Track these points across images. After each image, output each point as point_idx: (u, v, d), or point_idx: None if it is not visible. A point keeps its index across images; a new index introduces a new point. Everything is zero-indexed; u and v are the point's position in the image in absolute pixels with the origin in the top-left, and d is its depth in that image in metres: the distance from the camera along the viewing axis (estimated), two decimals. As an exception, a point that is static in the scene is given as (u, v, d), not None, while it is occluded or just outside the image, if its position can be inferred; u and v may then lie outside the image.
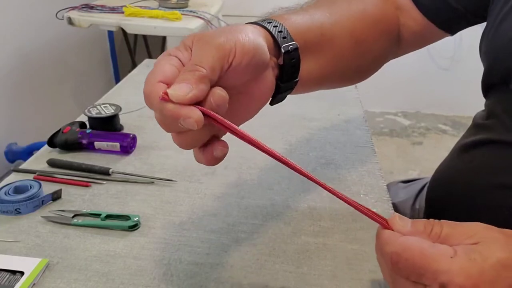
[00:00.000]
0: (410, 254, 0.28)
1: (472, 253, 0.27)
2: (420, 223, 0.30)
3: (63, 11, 1.50)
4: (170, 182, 0.58)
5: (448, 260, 0.27)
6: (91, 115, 0.66)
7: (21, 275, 0.42)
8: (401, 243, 0.29)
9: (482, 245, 0.28)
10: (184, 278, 0.43)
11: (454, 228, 0.30)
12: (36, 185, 0.53)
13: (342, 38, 0.45)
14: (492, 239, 0.28)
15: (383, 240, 0.30)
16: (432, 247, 0.28)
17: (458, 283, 0.27)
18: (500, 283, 0.27)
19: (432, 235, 0.30)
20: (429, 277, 0.28)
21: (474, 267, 0.27)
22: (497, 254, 0.27)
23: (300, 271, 0.44)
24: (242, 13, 2.28)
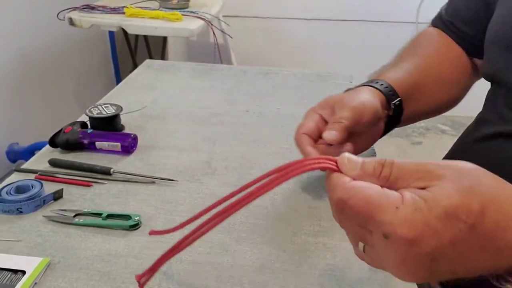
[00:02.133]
0: (355, 202, 0.28)
1: (418, 202, 0.26)
2: (370, 165, 0.29)
3: (64, 12, 1.50)
4: (171, 182, 0.58)
5: (392, 211, 0.26)
6: (92, 115, 0.67)
7: (22, 275, 0.42)
8: (347, 190, 0.28)
9: (429, 192, 0.27)
10: (185, 277, 0.43)
11: (403, 169, 0.29)
12: (37, 185, 0.54)
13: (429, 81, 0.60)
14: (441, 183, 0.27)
15: (330, 184, 0.30)
16: (379, 196, 0.27)
17: (400, 235, 0.26)
18: (443, 233, 0.26)
19: (381, 177, 0.29)
20: (373, 226, 0.28)
21: (418, 219, 0.26)
22: (443, 202, 0.26)
23: (300, 271, 0.45)
24: (242, 14, 2.28)
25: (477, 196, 0.27)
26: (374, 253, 0.30)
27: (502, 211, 0.27)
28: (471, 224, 0.26)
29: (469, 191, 0.27)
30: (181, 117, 0.76)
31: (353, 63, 1.89)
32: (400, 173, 0.28)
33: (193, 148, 0.66)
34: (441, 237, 0.26)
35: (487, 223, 0.26)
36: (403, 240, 0.26)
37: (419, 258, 0.27)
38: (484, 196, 0.27)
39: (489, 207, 0.27)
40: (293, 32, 2.36)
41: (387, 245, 0.27)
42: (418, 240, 0.26)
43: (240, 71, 0.99)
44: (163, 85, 0.89)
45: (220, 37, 1.83)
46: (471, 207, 0.26)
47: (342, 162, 0.30)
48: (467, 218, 0.26)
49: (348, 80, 0.95)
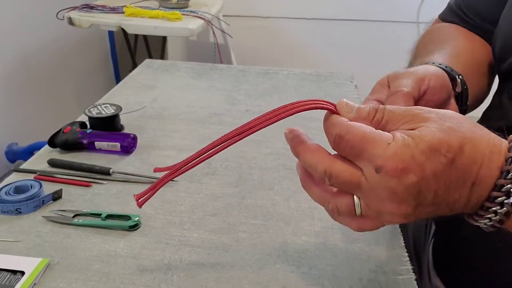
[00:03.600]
0: (352, 137, 0.31)
1: (406, 139, 0.30)
2: (365, 110, 0.33)
3: (63, 11, 1.50)
4: (170, 182, 0.57)
5: (384, 146, 0.30)
6: (92, 115, 0.66)
7: (21, 275, 0.42)
8: (345, 126, 0.32)
9: (416, 131, 0.30)
10: (185, 278, 0.43)
11: (393, 113, 0.32)
12: (36, 185, 0.53)
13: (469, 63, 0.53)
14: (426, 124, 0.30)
15: (330, 122, 0.33)
16: (373, 133, 0.31)
17: (390, 167, 0.29)
18: (427, 165, 0.29)
19: (374, 121, 0.32)
20: (366, 159, 0.31)
21: (406, 153, 0.29)
22: (427, 138, 0.30)
23: (301, 271, 0.44)
24: (242, 13, 2.28)
25: (457, 135, 0.30)
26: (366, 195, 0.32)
27: (478, 149, 0.30)
28: (451, 158, 0.30)
29: (450, 130, 0.30)
30: (180, 117, 0.76)
31: (354, 63, 1.89)
32: (390, 117, 0.32)
33: (192, 148, 0.66)
34: (425, 168, 0.29)
35: (465, 159, 0.30)
36: (393, 172, 0.29)
37: (407, 188, 0.30)
38: (463, 135, 0.30)
39: (467, 145, 0.30)
40: (293, 32, 2.36)
41: (379, 179, 0.30)
42: (406, 171, 0.29)
43: (240, 71, 0.99)
44: (163, 85, 0.89)
45: (220, 36, 1.83)
46: (451, 144, 0.30)
47: (340, 105, 0.34)
48: (447, 153, 0.29)
49: (348, 80, 0.94)
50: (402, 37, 2.28)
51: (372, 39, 2.28)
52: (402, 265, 0.45)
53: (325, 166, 0.32)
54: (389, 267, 0.45)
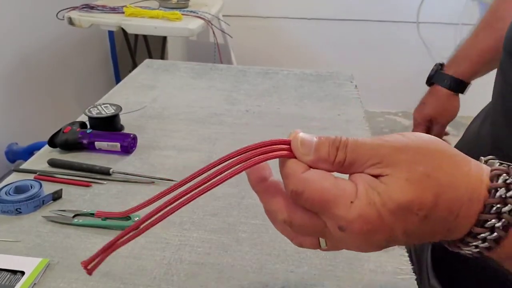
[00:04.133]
0: (310, 194, 0.28)
1: (372, 194, 0.27)
2: (324, 149, 0.29)
3: (63, 11, 1.50)
4: (170, 182, 0.58)
5: (347, 205, 0.27)
6: (92, 115, 0.66)
7: (21, 275, 0.42)
8: (301, 181, 0.28)
9: (383, 184, 0.27)
10: (185, 278, 0.43)
11: (358, 153, 0.28)
12: (36, 185, 0.53)
13: None
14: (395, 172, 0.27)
15: (284, 172, 0.29)
16: (334, 189, 0.27)
17: (355, 228, 0.27)
18: (396, 225, 0.27)
19: (336, 163, 0.28)
20: (328, 217, 0.28)
21: (372, 213, 0.27)
22: (396, 197, 0.26)
23: (301, 271, 0.44)
24: (243, 13, 2.28)
25: (432, 185, 0.27)
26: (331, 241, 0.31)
27: (456, 195, 0.27)
28: (423, 215, 0.27)
29: (423, 180, 0.27)
30: (180, 117, 0.76)
31: (354, 63, 1.90)
32: (354, 158, 0.28)
33: (192, 148, 0.66)
34: (394, 229, 0.27)
35: (440, 211, 0.27)
36: (358, 233, 0.27)
37: (374, 244, 0.29)
38: (439, 183, 0.27)
39: (443, 195, 0.27)
40: (293, 32, 2.36)
41: (344, 236, 0.28)
42: (372, 232, 0.27)
43: (240, 71, 0.99)
44: (163, 85, 0.89)
45: (220, 36, 1.83)
46: (423, 200, 0.26)
47: (296, 147, 0.29)
48: (419, 211, 0.27)
49: (348, 80, 0.94)
50: (402, 37, 2.29)
51: (372, 39, 2.28)
52: (402, 265, 0.45)
53: (284, 215, 0.30)
54: (389, 267, 0.45)
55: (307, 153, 0.29)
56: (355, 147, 0.28)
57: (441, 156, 0.28)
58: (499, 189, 0.27)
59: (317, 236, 0.31)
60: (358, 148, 0.28)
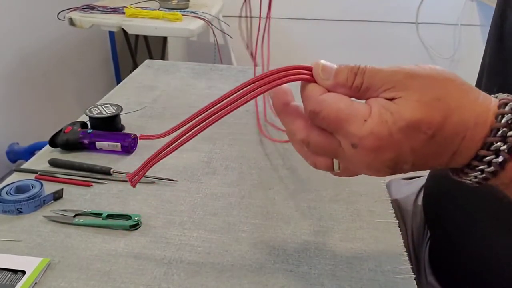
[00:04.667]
0: (326, 114, 0.30)
1: (384, 114, 0.29)
2: (343, 74, 0.31)
3: (64, 12, 1.50)
4: (171, 182, 0.58)
5: (360, 123, 0.29)
6: (93, 115, 0.67)
7: (22, 275, 0.42)
8: (319, 102, 0.30)
9: (395, 105, 0.29)
10: (185, 277, 0.43)
11: (374, 79, 0.30)
12: (37, 185, 0.54)
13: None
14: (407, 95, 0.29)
15: (304, 94, 0.32)
16: (349, 108, 0.29)
17: (366, 145, 0.29)
18: (405, 143, 0.29)
19: (353, 88, 0.30)
20: (342, 135, 0.30)
21: (383, 130, 0.28)
22: (406, 115, 0.28)
23: (300, 271, 0.45)
24: (243, 14, 2.28)
25: (441, 107, 0.28)
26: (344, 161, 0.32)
27: (463, 118, 0.29)
28: (431, 134, 0.28)
29: (433, 102, 0.28)
30: (181, 117, 0.76)
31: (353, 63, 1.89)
32: (370, 83, 0.30)
33: (192, 148, 0.66)
34: (402, 146, 0.29)
35: (447, 131, 0.29)
36: (369, 149, 0.29)
37: (384, 163, 0.30)
38: (448, 106, 0.28)
39: (450, 117, 0.28)
40: (293, 32, 2.36)
41: (355, 153, 0.30)
42: (382, 149, 0.29)
43: (240, 71, 0.99)
44: (163, 85, 0.89)
45: (220, 37, 1.84)
46: (432, 120, 0.28)
47: (317, 72, 0.32)
48: (427, 130, 0.28)
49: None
50: (401, 37, 2.29)
51: (372, 39, 2.28)
52: (401, 265, 0.45)
53: (302, 135, 0.32)
54: (389, 266, 0.45)
55: (327, 78, 0.31)
56: (372, 73, 0.30)
57: (451, 84, 0.29)
58: (506, 115, 0.28)
59: (331, 157, 0.33)
60: (375, 74, 0.30)
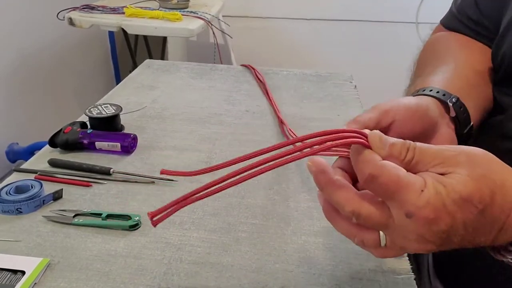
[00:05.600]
0: (386, 179, 0.30)
1: (438, 186, 0.30)
2: (397, 148, 0.32)
3: (64, 12, 1.50)
4: (170, 182, 0.58)
5: (418, 192, 0.30)
6: (92, 115, 0.67)
7: (22, 275, 0.42)
8: (379, 167, 0.31)
9: (448, 178, 0.30)
10: (185, 277, 0.43)
11: (424, 154, 0.32)
12: (37, 185, 0.54)
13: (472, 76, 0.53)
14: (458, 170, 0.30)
15: (362, 159, 0.32)
16: (407, 177, 0.30)
17: (423, 215, 0.30)
18: (458, 215, 0.30)
19: (405, 161, 0.32)
20: (397, 202, 0.30)
21: (438, 202, 0.29)
22: (459, 188, 0.30)
23: (300, 271, 0.44)
24: (243, 14, 2.28)
25: (488, 183, 0.30)
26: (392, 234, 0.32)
27: (507, 198, 0.31)
28: (481, 208, 0.30)
29: (482, 178, 0.30)
30: (181, 117, 0.76)
31: (353, 63, 1.89)
32: (421, 158, 0.31)
33: (192, 148, 0.66)
34: (455, 218, 0.30)
35: (494, 208, 0.30)
36: (425, 220, 0.30)
37: (437, 234, 0.30)
38: (494, 183, 0.30)
39: (497, 194, 0.30)
40: (293, 32, 2.36)
41: (409, 223, 0.30)
42: (437, 220, 0.30)
43: (240, 71, 0.99)
44: (163, 85, 0.89)
45: (220, 37, 1.83)
46: (482, 195, 0.30)
47: (374, 140, 0.32)
48: (478, 204, 0.30)
49: (348, 80, 0.95)
50: (401, 37, 2.29)
51: (371, 39, 2.28)
52: (401, 265, 0.45)
53: (353, 207, 0.32)
54: (389, 266, 0.45)
55: (383, 148, 0.32)
56: (422, 150, 0.32)
57: (493, 161, 0.32)
58: None
59: (380, 229, 0.33)
60: (425, 151, 0.32)
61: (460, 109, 0.47)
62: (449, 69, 0.53)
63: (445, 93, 0.47)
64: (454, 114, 0.46)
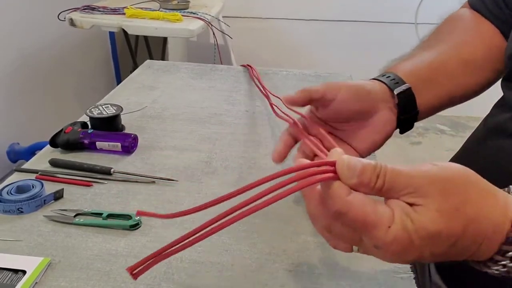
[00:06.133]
0: (353, 216, 0.31)
1: (406, 221, 0.30)
2: (367, 175, 0.31)
3: (64, 13, 1.50)
4: (171, 182, 0.58)
5: (385, 230, 0.30)
6: (93, 115, 0.67)
7: (23, 274, 0.42)
8: (346, 204, 0.31)
9: (417, 213, 0.30)
10: (185, 277, 0.43)
11: (394, 181, 0.31)
12: (38, 185, 0.54)
13: (452, 64, 0.55)
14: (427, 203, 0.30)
15: (330, 193, 0.32)
16: (374, 213, 0.30)
17: (390, 249, 0.31)
18: (425, 249, 0.30)
19: (376, 188, 0.31)
20: (366, 237, 0.31)
21: (405, 237, 0.30)
22: (427, 226, 0.30)
23: (300, 270, 0.45)
24: (242, 15, 2.28)
25: (461, 217, 0.30)
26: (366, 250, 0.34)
27: (480, 228, 0.30)
28: (451, 243, 0.30)
29: (453, 212, 0.30)
30: (181, 117, 0.76)
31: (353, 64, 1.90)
32: (392, 186, 0.31)
33: (193, 148, 0.67)
34: (423, 251, 0.31)
35: (466, 240, 0.30)
36: (392, 253, 0.31)
37: (404, 261, 0.33)
38: (467, 216, 0.30)
39: (470, 227, 0.30)
40: (293, 33, 2.36)
41: (378, 252, 0.32)
42: (404, 252, 0.31)
43: (240, 71, 1.00)
44: (163, 86, 0.89)
45: (220, 37, 1.84)
46: (452, 231, 0.30)
47: (342, 170, 0.32)
48: (447, 240, 0.30)
49: (347, 80, 0.95)
50: (400, 38, 2.29)
51: (371, 40, 2.29)
52: (401, 265, 0.45)
53: (326, 223, 0.34)
54: (388, 266, 0.45)
55: (351, 177, 0.31)
56: (393, 176, 0.31)
57: (471, 189, 0.31)
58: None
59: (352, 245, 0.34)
60: (395, 177, 0.31)
61: (406, 98, 0.50)
62: (428, 57, 0.55)
63: (399, 81, 0.50)
64: (397, 102, 0.50)
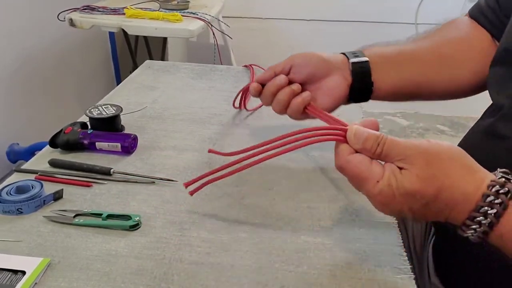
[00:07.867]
0: (349, 172, 0.40)
1: (392, 179, 0.38)
2: (369, 143, 0.40)
3: (64, 13, 1.50)
4: (170, 182, 0.58)
5: (374, 184, 0.39)
6: (93, 115, 0.67)
7: (22, 275, 0.42)
8: (345, 161, 0.41)
9: (401, 175, 0.38)
10: (185, 277, 0.43)
11: (391, 149, 0.39)
12: (37, 185, 0.54)
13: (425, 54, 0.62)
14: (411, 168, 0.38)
15: (336, 151, 0.42)
16: (367, 170, 0.39)
17: (377, 200, 0.40)
18: (404, 204, 0.38)
19: (376, 154, 0.40)
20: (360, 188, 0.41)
21: (389, 192, 0.38)
22: (405, 185, 0.37)
23: (300, 271, 0.45)
24: (242, 15, 2.28)
25: (436, 184, 0.37)
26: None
27: (453, 196, 0.37)
28: (424, 203, 0.38)
29: (430, 178, 0.37)
30: (181, 117, 0.76)
31: (353, 64, 1.89)
32: (388, 153, 0.39)
33: (193, 148, 0.67)
34: (402, 205, 0.39)
35: (438, 203, 0.38)
36: (378, 203, 0.40)
37: (390, 212, 0.42)
38: (442, 184, 0.37)
39: (443, 193, 0.37)
40: (293, 33, 2.36)
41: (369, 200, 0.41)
42: (388, 205, 0.39)
43: (240, 71, 0.99)
44: (163, 86, 0.89)
45: (220, 38, 1.84)
46: (425, 193, 0.37)
47: (350, 136, 0.41)
48: (421, 199, 0.38)
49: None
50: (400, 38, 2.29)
51: (371, 40, 2.28)
52: (401, 265, 0.45)
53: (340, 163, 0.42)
54: (388, 266, 0.45)
55: (357, 143, 0.41)
56: (390, 145, 0.39)
57: (453, 163, 0.38)
58: (490, 196, 0.36)
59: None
60: (392, 146, 0.39)
61: (362, 69, 0.58)
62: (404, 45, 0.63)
63: (359, 54, 0.59)
64: (351, 69, 0.58)
